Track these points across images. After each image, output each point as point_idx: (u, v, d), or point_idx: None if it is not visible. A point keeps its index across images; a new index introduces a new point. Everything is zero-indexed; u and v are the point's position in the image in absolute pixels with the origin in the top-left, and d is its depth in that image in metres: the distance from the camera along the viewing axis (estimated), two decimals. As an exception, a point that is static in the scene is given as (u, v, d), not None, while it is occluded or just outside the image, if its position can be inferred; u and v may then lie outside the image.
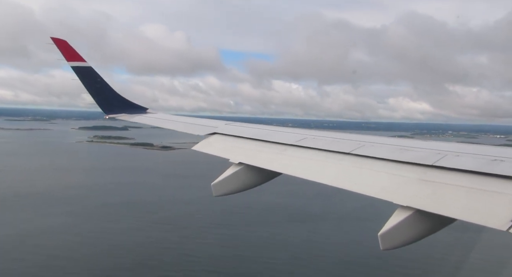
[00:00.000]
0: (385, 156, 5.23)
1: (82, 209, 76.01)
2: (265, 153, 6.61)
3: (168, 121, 11.01)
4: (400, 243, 4.25)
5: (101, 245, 58.18)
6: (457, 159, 4.65)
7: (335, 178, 5.33)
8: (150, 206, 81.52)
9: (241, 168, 6.28)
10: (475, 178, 4.17)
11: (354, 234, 70.28)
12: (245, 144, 7.24)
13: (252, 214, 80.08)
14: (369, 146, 5.71)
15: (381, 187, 4.72)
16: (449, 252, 63.98)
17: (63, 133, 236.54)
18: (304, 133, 7.12)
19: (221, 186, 6.43)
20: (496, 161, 4.38)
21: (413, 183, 4.51)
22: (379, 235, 4.20)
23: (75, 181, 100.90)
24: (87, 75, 11.40)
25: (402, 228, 4.16)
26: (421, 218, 4.13)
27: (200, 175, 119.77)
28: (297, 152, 6.25)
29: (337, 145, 6.01)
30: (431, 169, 4.61)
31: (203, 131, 8.64)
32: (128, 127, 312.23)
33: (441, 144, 5.59)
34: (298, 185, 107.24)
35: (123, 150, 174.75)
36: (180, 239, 63.54)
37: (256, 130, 7.94)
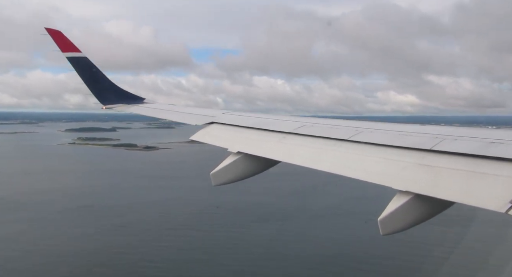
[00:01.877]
0: (383, 141, 5.19)
1: (44, 215, 73.70)
2: (264, 141, 6.55)
3: (165, 111, 10.75)
4: (399, 227, 4.21)
5: (53, 254, 55.83)
6: (455, 143, 4.61)
7: (333, 164, 5.29)
8: (116, 209, 79.29)
9: (240, 157, 6.18)
10: (473, 161, 4.13)
11: (324, 232, 68.51)
12: (243, 133, 7.17)
13: (221, 214, 78.11)
14: (367, 132, 5.67)
15: (380, 173, 4.69)
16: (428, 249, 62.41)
17: (48, 135, 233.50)
18: (302, 121, 7.02)
19: (220, 175, 6.24)
20: (494, 143, 4.36)
21: (411, 168, 4.49)
22: (378, 220, 4.15)
23: (44, 185, 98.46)
24: (82, 65, 11.10)
25: (401, 213, 4.12)
26: (420, 202, 4.11)
27: (175, 176, 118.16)
28: (295, 140, 6.21)
29: (335, 132, 5.98)
30: (430, 153, 4.57)
31: (201, 120, 8.37)
32: (116, 128, 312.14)
33: (438, 128, 5.55)
34: (277, 182, 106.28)
35: (104, 152, 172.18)
36: (139, 243, 61.38)
37: (254, 119, 7.84)
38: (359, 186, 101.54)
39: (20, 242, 59.76)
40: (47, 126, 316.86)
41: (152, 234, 65.26)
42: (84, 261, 53.42)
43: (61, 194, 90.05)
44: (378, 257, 60.15)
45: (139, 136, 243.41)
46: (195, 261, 54.55)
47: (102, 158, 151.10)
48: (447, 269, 54.58)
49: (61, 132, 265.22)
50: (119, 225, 69.71)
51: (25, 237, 62.22)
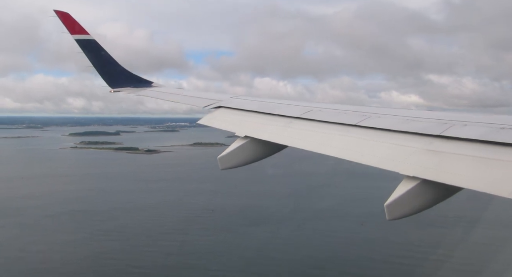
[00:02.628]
0: (391, 127, 5.11)
1: (35, 220, 72.99)
2: (271, 126, 6.48)
3: (173, 94, 10.76)
4: (406, 212, 4.16)
5: (41, 260, 55.05)
6: (465, 129, 4.52)
7: (341, 150, 5.24)
8: (109, 213, 78.59)
9: (247, 142, 6.15)
10: (483, 147, 4.06)
11: (318, 234, 67.17)
12: (250, 118, 7.08)
13: (215, 218, 76.95)
14: (375, 118, 5.60)
15: (387, 158, 4.63)
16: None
17: (51, 140, 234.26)
18: (309, 105, 6.92)
19: (227, 159, 6.10)
20: (505, 129, 4.28)
21: (419, 153, 4.42)
22: (385, 205, 4.10)
23: (38, 189, 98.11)
24: (91, 48, 11.07)
25: (408, 198, 4.08)
26: (428, 188, 4.08)
27: (173, 179, 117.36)
28: (302, 125, 6.17)
29: (343, 117, 5.92)
30: (438, 139, 4.51)
31: (208, 104, 8.28)
32: (120, 132, 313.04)
33: (447, 114, 5.39)
34: (275, 184, 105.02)
35: (105, 155, 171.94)
36: (129, 248, 60.60)
37: (261, 103, 7.65)
38: (359, 187, 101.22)
39: (9, 248, 59.11)
40: (51, 131, 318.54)
41: (144, 239, 64.38)
42: (72, 267, 52.67)
43: (54, 198, 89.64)
44: (373, 260, 58.60)
45: (143, 139, 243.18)
46: (183, 266, 53.51)
47: (101, 162, 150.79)
48: (444, 273, 52.99)
49: (65, 136, 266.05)
50: (111, 229, 68.92)
51: (14, 243, 61.56)
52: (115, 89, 11.63)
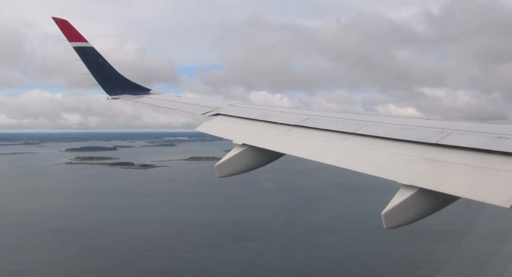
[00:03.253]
0: (388, 135, 5.15)
1: (19, 239, 71.98)
2: (269, 133, 6.51)
3: (171, 102, 10.61)
4: (403, 221, 4.17)
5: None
6: (461, 137, 4.55)
7: (338, 158, 5.26)
8: (97, 230, 77.65)
9: (245, 149, 6.16)
10: (479, 156, 4.09)
11: (308, 250, 66.19)
12: (248, 125, 7.09)
13: (204, 233, 76.04)
14: (373, 126, 5.61)
15: (385, 166, 4.66)
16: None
17: (47, 156, 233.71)
18: (307, 113, 6.96)
19: (225, 167, 6.09)
20: (501, 138, 4.31)
21: (416, 162, 4.45)
22: (382, 214, 4.10)
23: (26, 206, 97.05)
24: (89, 55, 11.10)
25: (405, 206, 4.09)
26: (425, 196, 4.09)
27: (166, 194, 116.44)
28: (300, 133, 6.18)
29: (340, 125, 5.97)
30: (435, 147, 4.53)
31: (207, 112, 8.31)
32: (117, 147, 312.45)
33: (444, 123, 5.40)
34: (268, 198, 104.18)
35: (99, 171, 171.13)
36: (114, 266, 59.84)
37: (259, 111, 7.73)
38: (352, 201, 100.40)
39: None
40: (48, 147, 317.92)
41: (130, 257, 63.46)
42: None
43: (44, 215, 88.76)
44: (362, 276, 57.67)
45: (139, 154, 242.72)
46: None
47: (95, 178, 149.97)
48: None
49: (61, 152, 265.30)
50: (99, 247, 68.00)
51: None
52: (113, 97, 11.59)
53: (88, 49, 11.13)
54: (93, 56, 11.25)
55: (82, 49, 11.05)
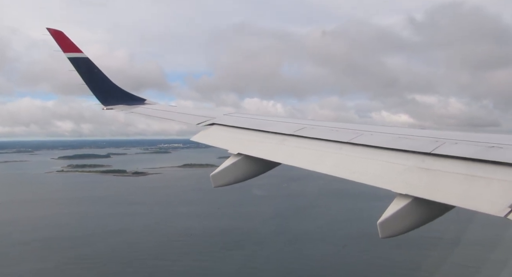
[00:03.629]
0: (383, 144, 5.19)
1: (2, 249, 70.19)
2: (264, 143, 6.49)
3: (166, 112, 10.65)
4: (398, 231, 4.19)
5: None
6: (455, 147, 4.62)
7: (334, 167, 5.25)
8: (82, 239, 75.92)
9: (240, 159, 6.10)
10: (473, 165, 4.12)
11: (298, 258, 65.03)
12: (244, 135, 7.06)
13: (192, 242, 74.72)
14: (368, 135, 5.67)
15: (380, 176, 4.67)
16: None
17: (39, 164, 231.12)
18: (303, 123, 6.92)
19: (220, 177, 6.03)
20: (494, 147, 4.36)
21: (411, 171, 4.47)
22: (378, 223, 4.11)
23: (14, 215, 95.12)
24: (84, 66, 11.10)
25: (400, 216, 4.11)
26: (420, 205, 4.11)
27: (156, 202, 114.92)
28: (296, 142, 6.18)
29: (336, 134, 5.99)
30: (429, 156, 4.55)
31: (202, 121, 8.33)
32: (111, 154, 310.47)
33: (438, 132, 5.48)
34: (261, 206, 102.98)
35: (90, 179, 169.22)
36: (98, 276, 58.07)
37: (255, 121, 7.73)
38: (344, 208, 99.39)
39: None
40: (41, 154, 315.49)
41: (116, 266, 62.11)
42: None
43: (30, 224, 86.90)
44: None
45: (133, 161, 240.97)
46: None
47: (86, 186, 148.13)
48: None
49: (54, 159, 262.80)
50: (85, 256, 66.50)
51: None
52: (108, 107, 11.54)
53: (83, 59, 11.14)
54: (88, 67, 11.24)
55: (77, 59, 11.04)
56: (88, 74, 11.24)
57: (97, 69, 11.39)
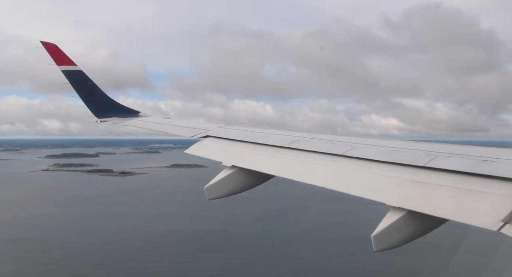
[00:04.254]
0: (377, 157, 5.22)
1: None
2: (258, 155, 6.53)
3: (160, 124, 10.71)
4: (392, 244, 4.22)
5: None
6: (448, 160, 4.65)
7: (327, 179, 5.28)
8: (57, 241, 73.95)
9: (234, 171, 6.16)
10: (466, 179, 4.16)
11: (275, 262, 63.70)
12: (238, 147, 7.10)
13: (171, 243, 73.29)
14: (362, 148, 5.73)
15: (374, 189, 4.73)
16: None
17: (26, 162, 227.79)
18: (297, 135, 6.97)
19: (214, 189, 6.04)
20: (487, 161, 4.41)
21: (405, 184, 4.51)
22: (372, 236, 4.15)
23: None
24: (77, 79, 11.19)
25: (394, 229, 4.15)
26: (414, 219, 4.15)
27: (139, 202, 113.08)
28: (290, 155, 6.22)
29: (329, 147, 6.02)
30: (423, 170, 4.60)
31: (196, 134, 8.29)
32: (100, 154, 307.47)
33: (432, 146, 5.51)
34: (246, 208, 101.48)
35: (75, 178, 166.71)
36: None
37: (249, 133, 7.73)
38: (329, 211, 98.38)
39: None
40: (29, 153, 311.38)
41: (89, 269, 60.31)
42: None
43: (4, 225, 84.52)
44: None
45: (121, 161, 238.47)
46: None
47: (69, 185, 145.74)
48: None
49: (41, 158, 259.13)
50: (59, 258, 64.66)
51: None
52: (102, 119, 11.55)
53: (76, 72, 11.18)
54: (81, 79, 11.27)
55: (70, 72, 11.08)
56: (82, 87, 11.28)
57: (91, 81, 11.44)
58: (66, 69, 11.03)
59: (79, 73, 11.23)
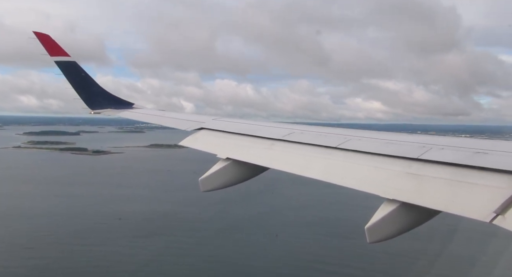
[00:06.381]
0: (371, 150, 5.22)
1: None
2: (253, 148, 6.47)
3: (155, 116, 10.62)
4: (386, 236, 4.29)
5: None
6: (442, 152, 4.66)
7: (322, 172, 5.31)
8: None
9: (228, 163, 6.10)
10: (459, 171, 4.18)
11: (224, 246, 61.26)
12: (232, 139, 7.05)
13: (117, 227, 70.61)
14: (356, 140, 5.69)
15: (368, 181, 4.78)
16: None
17: (1, 139, 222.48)
18: (291, 127, 6.96)
19: (208, 181, 6.00)
20: (479, 153, 4.44)
21: (398, 177, 4.56)
22: (366, 228, 4.20)
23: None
24: (71, 70, 11.14)
25: (388, 221, 4.21)
26: (407, 211, 4.21)
27: (101, 182, 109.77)
28: (284, 147, 6.15)
29: (324, 139, 5.97)
30: (416, 162, 4.61)
31: (190, 126, 8.18)
32: (81, 132, 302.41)
33: (426, 138, 5.61)
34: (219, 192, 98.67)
35: (45, 156, 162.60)
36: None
37: (243, 125, 7.76)
38: (296, 194, 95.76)
39: None
40: (9, 130, 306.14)
41: (15, 252, 57.02)
42: None
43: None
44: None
45: (101, 140, 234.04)
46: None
47: (34, 163, 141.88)
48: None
49: (19, 135, 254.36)
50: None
51: None
52: (95, 111, 11.54)
53: (70, 63, 11.10)
54: (75, 70, 11.21)
55: (64, 63, 11.00)
56: (75, 78, 11.17)
57: (85, 73, 11.38)
58: (59, 59, 10.93)
59: (72, 64, 11.11)
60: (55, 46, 10.81)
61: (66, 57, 10.98)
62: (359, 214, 67.49)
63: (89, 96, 11.40)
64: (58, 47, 10.84)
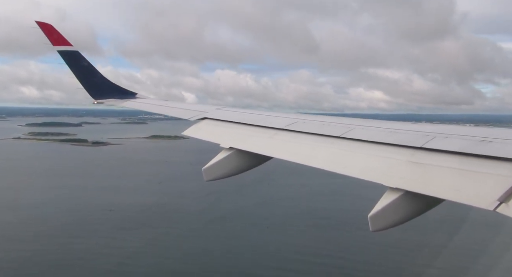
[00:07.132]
0: (375, 139, 5.23)
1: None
2: (256, 137, 6.51)
3: (158, 106, 10.74)
4: (389, 224, 4.28)
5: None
6: (446, 141, 4.66)
7: (325, 161, 5.30)
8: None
9: (232, 153, 6.11)
10: (463, 159, 4.19)
11: (208, 240, 60.21)
12: (235, 129, 7.06)
13: (107, 218, 69.97)
14: (359, 129, 5.73)
15: (371, 170, 4.75)
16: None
17: (3, 130, 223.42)
18: (294, 117, 7.02)
19: (212, 171, 6.01)
20: (484, 142, 4.42)
21: (402, 165, 4.54)
22: (369, 216, 4.18)
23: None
24: (74, 59, 11.09)
25: (391, 209, 4.20)
26: (410, 199, 4.20)
27: (96, 174, 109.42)
28: (287, 136, 6.20)
29: (327, 128, 6.00)
30: (420, 151, 4.63)
31: (193, 115, 8.23)
32: (83, 123, 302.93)
33: (429, 127, 5.67)
34: (202, 181, 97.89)
35: (44, 148, 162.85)
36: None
37: (246, 115, 7.70)
38: (291, 184, 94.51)
39: None
40: (13, 121, 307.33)
41: (1, 242, 56.74)
42: None
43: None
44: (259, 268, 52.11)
45: (102, 131, 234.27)
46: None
47: (31, 154, 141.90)
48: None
49: (21, 126, 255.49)
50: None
51: None
52: (98, 101, 11.45)
53: (72, 53, 11.02)
54: (78, 60, 11.13)
55: (66, 53, 10.93)
56: (78, 68, 11.11)
57: (87, 62, 11.29)
58: (62, 49, 10.84)
59: (75, 54, 11.02)
60: (57, 36, 10.73)
61: (68, 47, 10.94)
62: (357, 205, 65.98)
63: (92, 86, 11.41)
64: (61, 36, 10.77)
